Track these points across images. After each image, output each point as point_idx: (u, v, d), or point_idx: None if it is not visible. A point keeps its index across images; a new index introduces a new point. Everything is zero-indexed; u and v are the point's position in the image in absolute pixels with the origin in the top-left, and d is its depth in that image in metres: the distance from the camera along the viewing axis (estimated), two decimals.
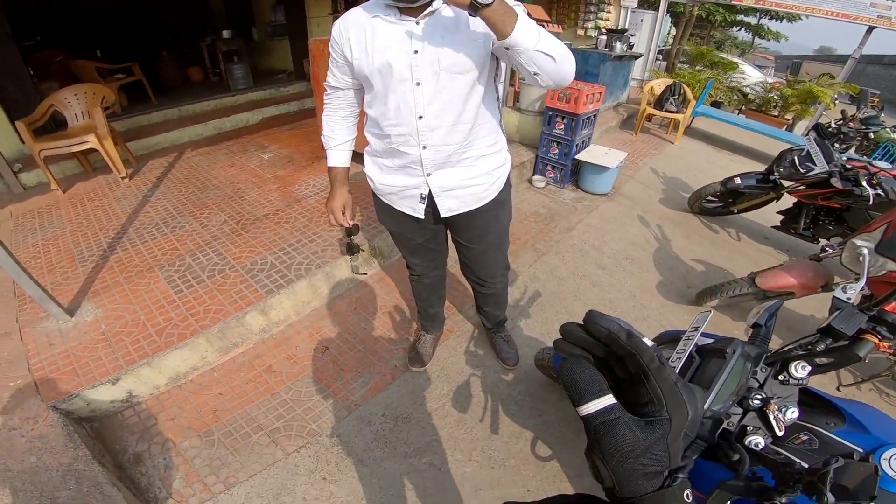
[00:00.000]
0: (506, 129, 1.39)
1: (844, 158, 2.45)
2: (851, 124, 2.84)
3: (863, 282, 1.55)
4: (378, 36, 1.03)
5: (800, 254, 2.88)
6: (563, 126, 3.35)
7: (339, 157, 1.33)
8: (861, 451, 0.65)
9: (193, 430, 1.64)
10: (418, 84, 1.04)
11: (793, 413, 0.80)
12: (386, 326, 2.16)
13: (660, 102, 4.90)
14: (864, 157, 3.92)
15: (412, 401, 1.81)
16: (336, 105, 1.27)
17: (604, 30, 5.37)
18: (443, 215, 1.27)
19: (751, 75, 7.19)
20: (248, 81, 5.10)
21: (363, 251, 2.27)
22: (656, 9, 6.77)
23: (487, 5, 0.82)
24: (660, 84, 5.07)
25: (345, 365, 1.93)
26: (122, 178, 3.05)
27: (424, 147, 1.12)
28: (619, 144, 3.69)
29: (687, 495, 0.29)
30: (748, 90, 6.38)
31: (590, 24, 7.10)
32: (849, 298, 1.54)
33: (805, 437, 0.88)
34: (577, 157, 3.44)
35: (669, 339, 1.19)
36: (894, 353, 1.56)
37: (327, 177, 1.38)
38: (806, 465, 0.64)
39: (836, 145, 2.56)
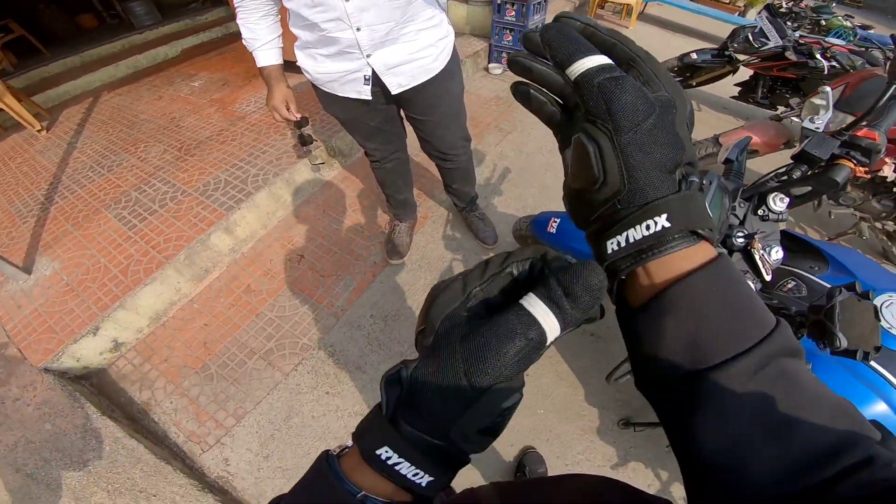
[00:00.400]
0: (455, 22, 1.28)
1: (797, 35, 2.47)
2: (803, 4, 2.86)
3: (829, 113, 1.56)
4: None
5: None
6: (513, 13, 3.22)
7: (267, 56, 1.23)
8: (860, 284, 0.58)
9: (190, 368, 1.60)
10: None
11: (778, 253, 0.77)
12: (358, 224, 2.12)
13: None
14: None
15: (397, 296, 1.80)
16: (249, 6, 1.14)
17: None
18: (394, 92, 1.21)
19: None
20: (154, 17, 4.52)
21: (315, 140, 2.17)
22: None
23: None
24: None
25: (323, 270, 1.91)
26: (39, 130, 2.79)
27: (358, 29, 1.05)
28: None
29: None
30: None
31: None
32: (817, 128, 1.56)
33: (792, 284, 0.87)
34: None
35: None
36: (871, 178, 1.57)
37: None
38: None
39: (789, 23, 2.58)
